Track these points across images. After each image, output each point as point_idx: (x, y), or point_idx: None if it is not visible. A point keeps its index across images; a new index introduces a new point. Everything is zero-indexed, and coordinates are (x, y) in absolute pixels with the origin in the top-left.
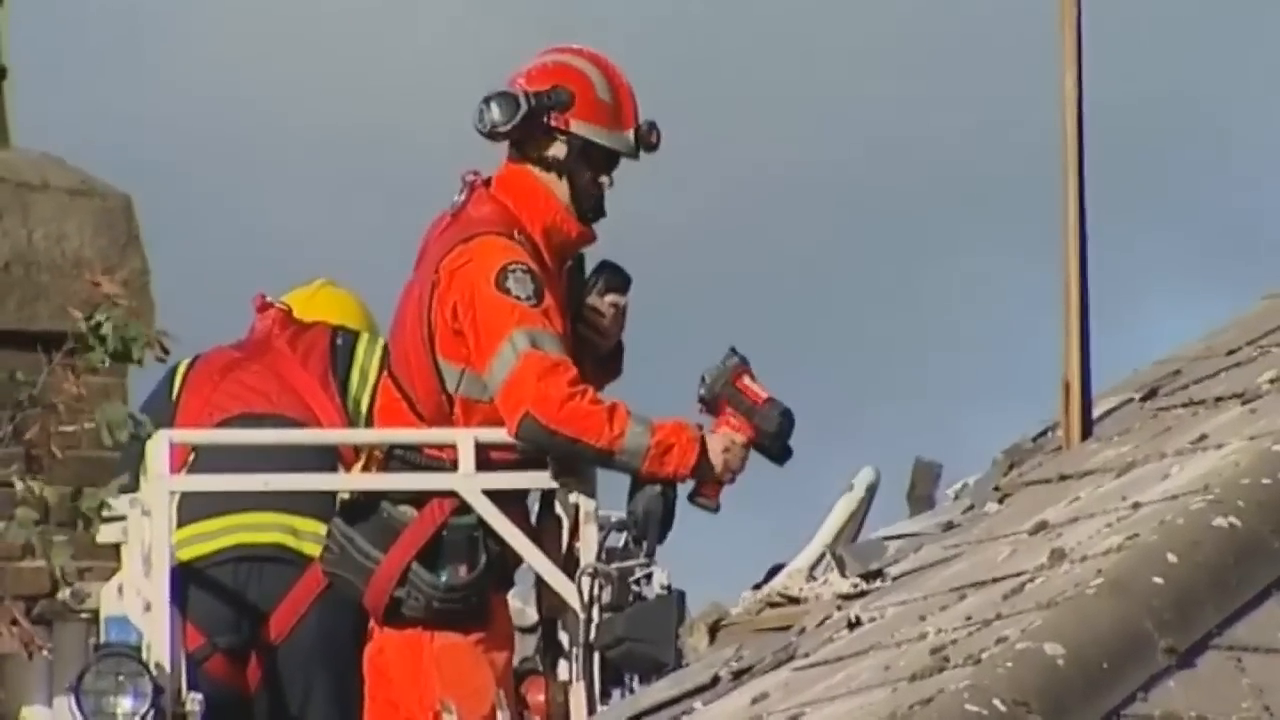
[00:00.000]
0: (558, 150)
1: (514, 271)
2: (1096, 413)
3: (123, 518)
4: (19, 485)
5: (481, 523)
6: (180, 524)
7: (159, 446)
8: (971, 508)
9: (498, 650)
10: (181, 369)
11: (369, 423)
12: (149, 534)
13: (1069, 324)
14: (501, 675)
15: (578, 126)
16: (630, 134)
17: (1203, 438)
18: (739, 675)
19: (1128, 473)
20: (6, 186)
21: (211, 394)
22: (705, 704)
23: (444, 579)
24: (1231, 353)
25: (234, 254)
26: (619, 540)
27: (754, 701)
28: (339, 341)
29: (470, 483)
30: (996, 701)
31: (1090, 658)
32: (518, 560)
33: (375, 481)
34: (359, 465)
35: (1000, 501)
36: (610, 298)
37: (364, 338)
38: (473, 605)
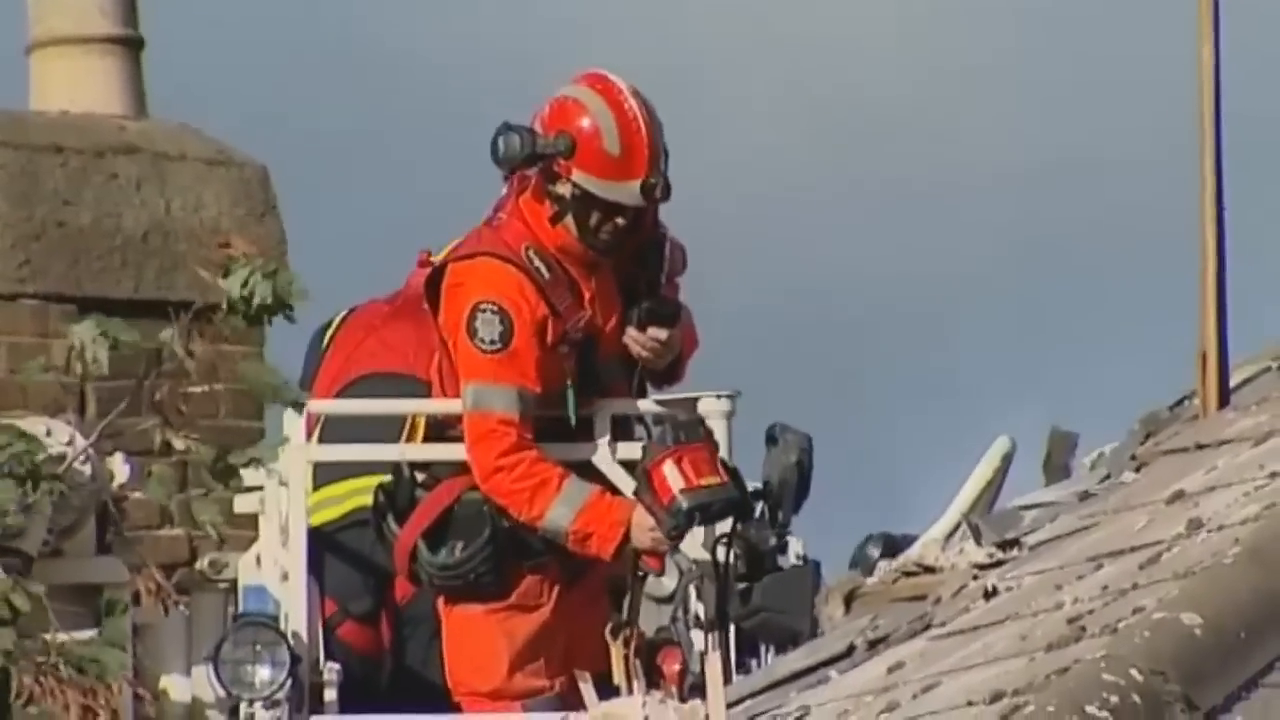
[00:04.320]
0: (563, 190)
1: (483, 312)
2: (1233, 382)
3: (260, 488)
4: (171, 440)
5: None
6: (311, 488)
7: (295, 417)
8: (1108, 477)
9: (519, 619)
10: (335, 322)
11: None
12: (286, 504)
13: (1205, 293)
14: (529, 644)
15: (578, 176)
16: (636, 185)
17: None
18: (875, 644)
19: (1265, 442)
20: (144, 157)
21: (354, 350)
22: (841, 673)
23: (440, 556)
24: None
25: (373, 222)
26: (754, 510)
27: (890, 670)
28: None
29: (605, 453)
30: (1133, 671)
31: (1228, 627)
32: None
33: None
34: (404, 435)
35: (1137, 471)
36: (652, 331)
37: None
38: (480, 580)
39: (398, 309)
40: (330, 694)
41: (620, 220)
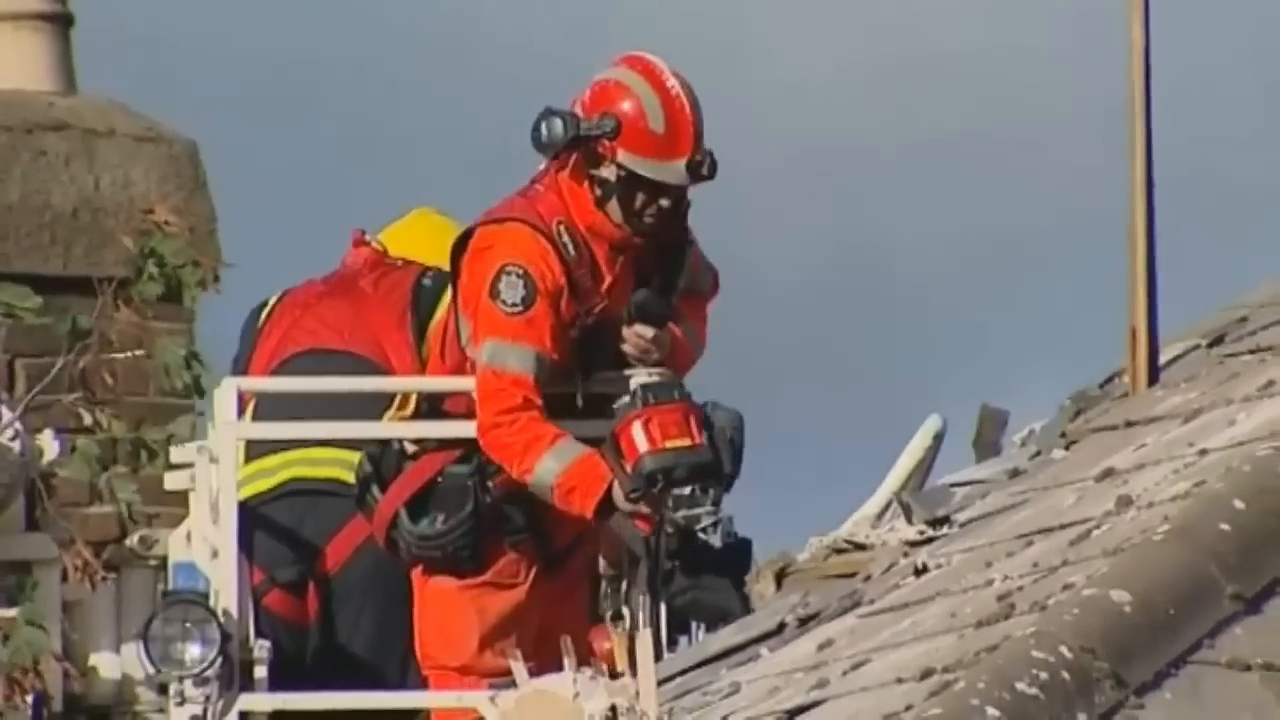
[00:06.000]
0: (608, 172)
1: (508, 275)
2: (1163, 359)
3: (190, 465)
4: (86, 416)
5: (477, 472)
6: (243, 461)
7: (226, 394)
8: (1038, 454)
9: (493, 597)
10: (271, 302)
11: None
12: (216, 480)
13: (1134, 271)
14: (500, 622)
15: (624, 157)
16: (681, 163)
17: (1270, 384)
18: (805, 621)
19: (1194, 419)
20: (73, 133)
21: (290, 328)
22: (771, 650)
23: (421, 526)
24: None
25: (302, 201)
26: (685, 489)
27: (820, 648)
28: (426, 283)
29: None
30: (1063, 648)
31: (1157, 604)
32: (529, 507)
33: (441, 430)
34: (390, 412)
35: (1066, 448)
36: (638, 328)
37: None
38: (459, 553)
39: (333, 287)
40: (261, 671)
41: (664, 202)
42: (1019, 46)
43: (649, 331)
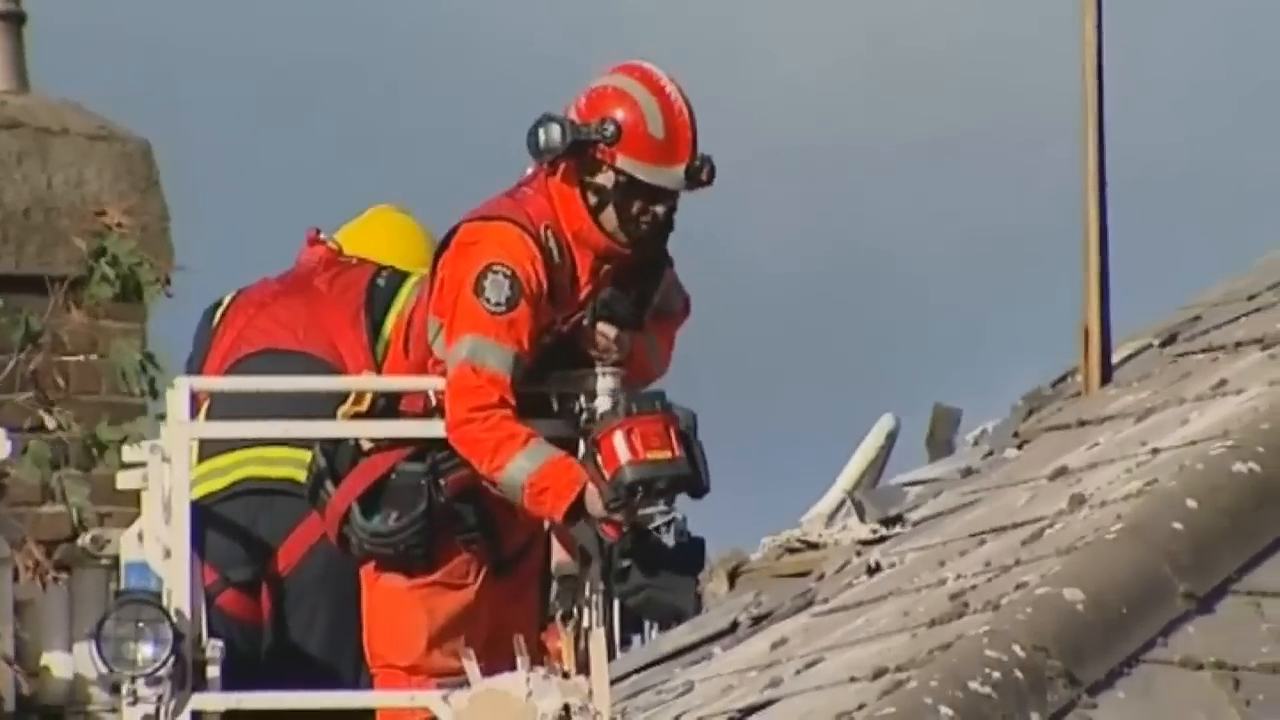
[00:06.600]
0: (605, 179)
1: (495, 273)
2: (1116, 358)
3: (143, 464)
4: (47, 419)
5: (431, 470)
6: (196, 460)
7: (179, 393)
8: (991, 453)
9: (442, 597)
10: (225, 301)
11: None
12: (169, 480)
13: (1088, 269)
14: (450, 622)
15: (623, 162)
16: (680, 169)
17: (1222, 383)
18: (758, 621)
19: (1147, 418)
20: (26, 131)
21: (244, 328)
22: (724, 649)
23: (374, 523)
24: (1252, 298)
25: (301, 201)
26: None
27: (773, 647)
28: (380, 282)
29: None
30: (1015, 647)
31: (1109, 603)
32: (482, 507)
33: (393, 429)
34: (345, 408)
35: (1019, 447)
36: (600, 326)
37: (410, 279)
38: (411, 552)
39: (288, 286)
40: (213, 671)
41: (659, 209)
42: (1018, 43)
43: (611, 330)
